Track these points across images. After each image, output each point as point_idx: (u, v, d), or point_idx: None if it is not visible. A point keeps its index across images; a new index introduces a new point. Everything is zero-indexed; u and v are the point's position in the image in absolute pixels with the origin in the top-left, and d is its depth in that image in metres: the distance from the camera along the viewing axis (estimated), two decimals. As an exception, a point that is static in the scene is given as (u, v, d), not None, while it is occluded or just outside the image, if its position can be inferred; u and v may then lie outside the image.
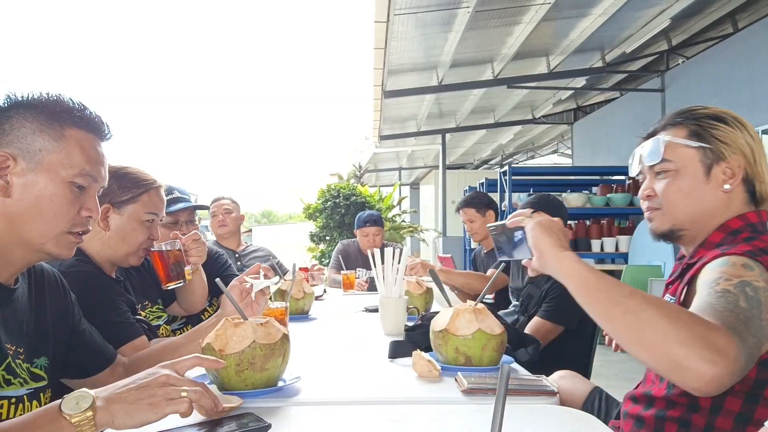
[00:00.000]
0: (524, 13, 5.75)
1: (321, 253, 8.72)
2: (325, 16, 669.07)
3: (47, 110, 1.04)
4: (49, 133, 1.03)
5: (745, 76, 6.11)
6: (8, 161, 1.00)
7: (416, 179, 18.80)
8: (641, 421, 1.17)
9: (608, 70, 7.84)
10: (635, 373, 4.62)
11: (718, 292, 0.94)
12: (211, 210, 3.51)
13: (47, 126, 1.04)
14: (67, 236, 1.07)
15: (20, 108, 1.03)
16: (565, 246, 1.07)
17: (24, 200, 1.01)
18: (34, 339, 1.14)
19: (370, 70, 6.59)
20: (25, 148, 1.02)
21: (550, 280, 2.30)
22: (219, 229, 3.50)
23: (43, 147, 1.03)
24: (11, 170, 1.01)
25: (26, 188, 1.01)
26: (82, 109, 1.08)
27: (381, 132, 10.20)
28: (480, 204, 3.33)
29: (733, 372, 0.84)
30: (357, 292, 3.38)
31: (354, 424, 1.04)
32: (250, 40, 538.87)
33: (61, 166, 1.04)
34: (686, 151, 1.17)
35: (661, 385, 1.16)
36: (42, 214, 1.02)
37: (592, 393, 1.56)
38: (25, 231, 1.02)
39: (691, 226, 1.19)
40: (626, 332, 0.91)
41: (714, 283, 0.97)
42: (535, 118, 10.77)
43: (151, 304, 1.89)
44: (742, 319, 0.89)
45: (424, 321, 1.63)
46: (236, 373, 1.12)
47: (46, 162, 1.03)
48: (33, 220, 1.02)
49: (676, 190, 1.18)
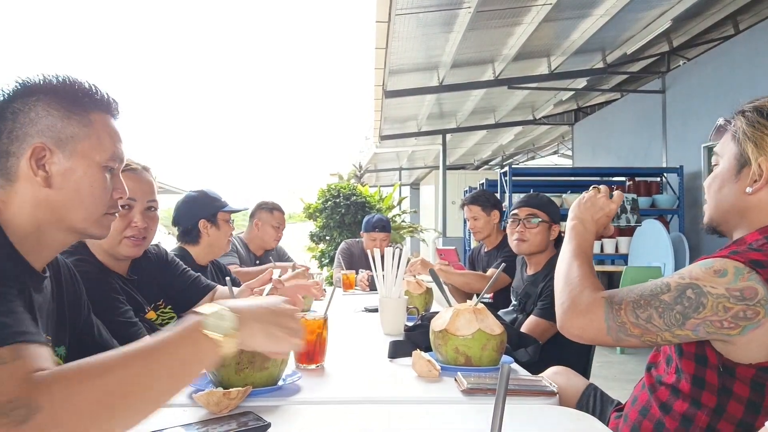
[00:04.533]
0: (525, 13, 5.74)
1: (321, 253, 8.72)
2: (326, 16, 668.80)
3: (69, 95, 1.04)
4: (77, 119, 1.03)
5: (746, 77, 6.10)
6: (44, 151, 1.00)
7: (416, 179, 18.79)
8: (647, 410, 1.17)
9: (609, 71, 7.83)
10: (635, 374, 4.62)
11: (664, 281, 1.07)
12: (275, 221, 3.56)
13: (73, 112, 1.03)
14: (106, 217, 1.08)
15: (40, 94, 1.02)
16: (579, 217, 1.32)
17: (65, 188, 1.02)
18: (56, 328, 1.15)
19: (370, 70, 6.59)
20: (57, 136, 1.01)
21: (546, 278, 2.30)
22: (274, 242, 3.60)
23: (74, 134, 1.02)
24: (48, 160, 1.00)
25: (65, 177, 1.01)
26: (97, 90, 1.08)
27: (381, 132, 10.19)
28: (486, 203, 3.32)
29: (584, 327, 1.11)
30: (357, 292, 3.39)
31: (354, 424, 1.04)
32: (251, 40, 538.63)
33: (94, 152, 1.04)
34: (730, 145, 1.16)
35: (669, 369, 1.16)
36: (83, 200, 1.03)
37: (587, 390, 1.55)
38: (68, 218, 1.03)
39: (723, 223, 1.18)
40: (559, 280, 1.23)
41: (676, 274, 1.07)
42: (536, 119, 10.76)
43: (165, 304, 1.88)
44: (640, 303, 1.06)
45: (424, 321, 1.63)
46: (236, 372, 1.12)
47: (80, 149, 1.03)
48: (75, 207, 1.03)
49: (712, 184, 1.19)
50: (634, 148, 8.53)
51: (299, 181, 67.76)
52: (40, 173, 0.99)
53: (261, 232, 3.55)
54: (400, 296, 1.97)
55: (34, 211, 1.00)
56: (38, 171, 0.99)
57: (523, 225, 2.37)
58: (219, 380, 1.14)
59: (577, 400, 1.53)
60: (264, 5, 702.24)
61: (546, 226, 2.37)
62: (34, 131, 1.00)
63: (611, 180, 7.88)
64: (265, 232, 3.55)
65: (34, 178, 0.99)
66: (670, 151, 7.50)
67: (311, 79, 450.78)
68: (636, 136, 8.51)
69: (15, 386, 0.70)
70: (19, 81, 1.02)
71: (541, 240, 2.36)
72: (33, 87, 1.01)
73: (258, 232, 3.56)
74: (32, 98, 1.01)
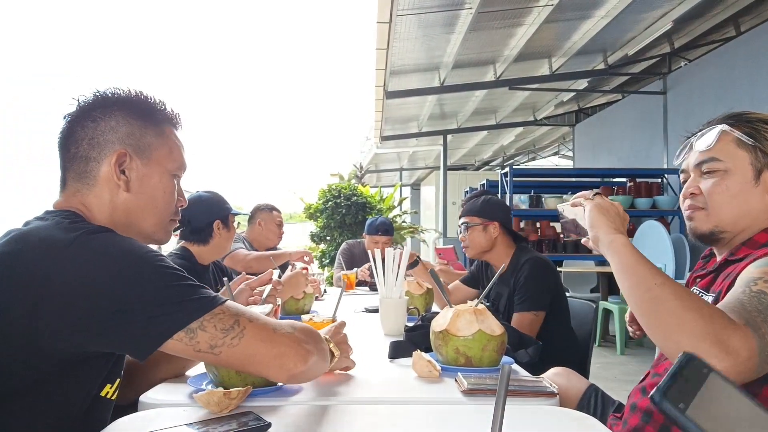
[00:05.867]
0: (527, 14, 5.74)
1: (321, 253, 8.73)
2: (327, 16, 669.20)
3: (145, 108, 1.11)
4: (154, 129, 1.10)
5: (747, 79, 6.10)
6: (126, 157, 1.06)
7: (417, 180, 18.78)
8: (649, 415, 1.16)
9: (610, 72, 7.83)
10: (634, 375, 4.62)
11: (753, 291, 0.97)
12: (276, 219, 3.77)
13: (150, 123, 1.10)
14: (171, 223, 1.15)
15: (118, 104, 1.08)
16: (619, 229, 1.13)
17: (142, 194, 1.08)
18: None
19: (372, 70, 6.59)
20: (136, 144, 1.08)
21: (513, 274, 2.31)
22: (278, 239, 3.80)
23: (151, 143, 1.09)
24: (128, 165, 1.07)
25: (142, 182, 1.08)
26: (165, 104, 1.15)
27: (382, 132, 10.19)
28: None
29: (740, 372, 0.87)
30: (358, 292, 3.39)
31: (354, 425, 1.04)
32: (252, 40, 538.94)
33: (166, 161, 1.11)
34: (738, 152, 1.15)
35: None
36: (157, 206, 1.10)
37: (588, 391, 1.55)
38: (141, 222, 1.09)
39: (732, 229, 1.17)
40: (647, 316, 0.99)
41: (752, 282, 0.99)
42: (537, 120, 10.76)
43: None
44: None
45: (425, 321, 1.63)
46: (236, 372, 1.12)
47: (155, 157, 1.09)
48: (149, 212, 1.09)
49: (724, 190, 1.16)
50: (635, 149, 8.53)
51: (300, 181, 67.75)
52: (122, 178, 1.06)
53: (265, 230, 3.73)
54: (401, 297, 1.97)
55: (111, 214, 1.06)
56: (120, 176, 1.06)
57: (464, 232, 2.45)
58: (219, 380, 1.14)
59: (578, 401, 1.53)
60: (265, 5, 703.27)
61: (480, 228, 2.41)
62: (115, 138, 1.06)
63: (612, 181, 7.88)
64: (269, 230, 3.73)
65: (116, 182, 1.06)
66: (671, 153, 7.49)
67: (312, 80, 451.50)
68: (637, 137, 8.51)
69: None
70: (97, 92, 1.08)
71: (480, 242, 2.42)
72: (110, 98, 1.08)
73: (262, 230, 3.73)
74: (110, 108, 1.07)
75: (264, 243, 3.73)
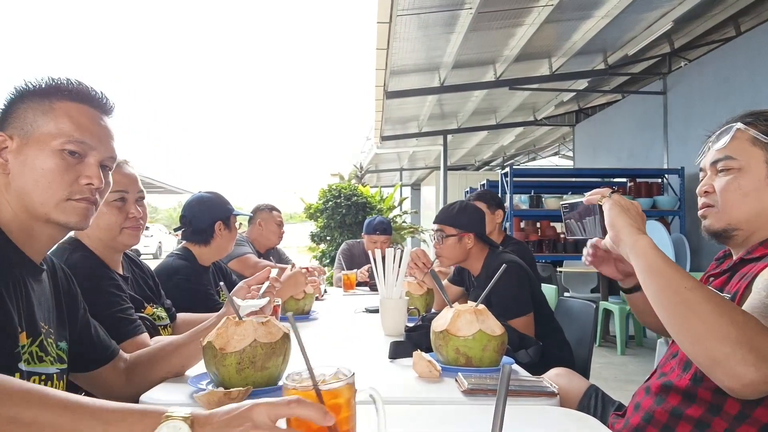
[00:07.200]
0: (527, 14, 5.75)
1: (321, 253, 8.73)
2: (327, 16, 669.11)
3: (40, 91, 1.10)
4: (39, 108, 1.08)
5: (747, 79, 6.11)
6: (6, 141, 1.07)
7: (417, 180, 18.79)
8: (651, 415, 1.15)
9: (610, 72, 7.83)
10: (635, 375, 4.62)
11: None
12: (276, 219, 3.80)
13: (37, 103, 1.09)
14: (70, 203, 1.09)
15: (24, 96, 1.10)
16: (642, 229, 1.09)
17: (21, 174, 1.06)
18: (57, 323, 1.17)
19: (372, 70, 6.59)
20: (20, 126, 1.08)
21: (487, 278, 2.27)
22: (278, 238, 3.82)
23: (34, 122, 1.08)
24: (9, 149, 1.07)
25: (21, 163, 1.07)
26: (75, 83, 1.12)
27: (383, 133, 10.20)
28: (492, 201, 3.31)
29: None
30: (358, 292, 3.39)
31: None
32: (253, 40, 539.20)
33: (50, 137, 1.08)
34: (753, 150, 1.15)
35: (685, 375, 1.12)
36: (37, 183, 1.06)
37: (588, 391, 1.55)
38: (29, 202, 1.07)
39: (746, 227, 1.16)
40: (677, 321, 0.95)
41: None
42: (537, 120, 10.76)
43: (155, 305, 1.89)
44: None
45: (425, 322, 1.63)
46: (237, 372, 1.12)
47: (36, 135, 1.07)
48: (31, 190, 1.06)
49: (736, 188, 1.15)
50: (635, 149, 8.53)
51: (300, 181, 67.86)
52: (0, 162, 1.06)
53: (266, 230, 3.75)
54: (401, 297, 1.97)
55: (7, 201, 1.06)
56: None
57: (438, 240, 2.35)
58: (220, 380, 1.14)
59: (579, 401, 1.52)
60: (266, 5, 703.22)
61: (455, 240, 2.32)
62: (3, 125, 1.08)
63: (612, 181, 7.88)
64: (270, 230, 3.75)
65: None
66: (671, 153, 7.50)
67: (312, 80, 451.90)
68: (637, 137, 8.51)
69: None
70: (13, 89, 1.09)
71: (453, 253, 2.33)
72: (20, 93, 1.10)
73: (263, 230, 3.75)
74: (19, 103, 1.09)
75: (264, 243, 3.75)
